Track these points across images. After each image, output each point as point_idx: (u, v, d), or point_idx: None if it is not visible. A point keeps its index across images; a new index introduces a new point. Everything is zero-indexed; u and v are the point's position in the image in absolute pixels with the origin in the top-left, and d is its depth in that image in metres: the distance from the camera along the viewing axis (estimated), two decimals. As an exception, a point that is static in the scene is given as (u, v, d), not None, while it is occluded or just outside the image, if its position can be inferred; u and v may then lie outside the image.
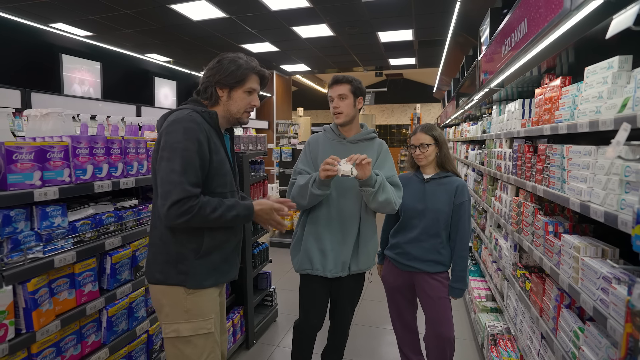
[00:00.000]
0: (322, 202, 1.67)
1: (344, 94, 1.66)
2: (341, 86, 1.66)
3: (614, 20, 0.91)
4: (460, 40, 4.88)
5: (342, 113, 1.66)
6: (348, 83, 1.67)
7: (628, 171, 0.94)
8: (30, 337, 1.16)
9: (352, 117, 1.69)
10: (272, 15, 5.38)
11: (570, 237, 1.27)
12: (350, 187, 1.67)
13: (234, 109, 1.31)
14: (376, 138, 1.79)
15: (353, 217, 1.70)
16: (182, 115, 1.19)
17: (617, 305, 0.92)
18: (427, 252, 1.76)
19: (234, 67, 1.26)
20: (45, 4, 4.91)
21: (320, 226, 1.69)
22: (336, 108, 1.67)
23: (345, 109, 1.66)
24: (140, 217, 1.68)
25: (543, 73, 1.87)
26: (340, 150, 1.68)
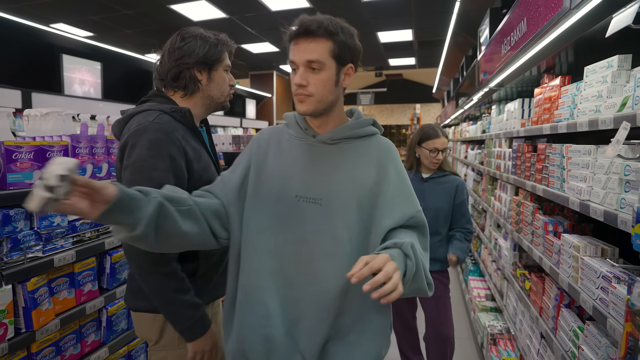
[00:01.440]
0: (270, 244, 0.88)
1: (319, 61, 0.82)
2: (314, 43, 0.82)
3: (614, 18, 0.91)
4: (460, 40, 4.88)
5: (313, 96, 0.83)
6: (327, 37, 0.82)
7: (628, 170, 0.94)
8: (30, 337, 1.16)
9: (329, 102, 0.86)
10: (272, 15, 5.39)
11: (570, 237, 1.27)
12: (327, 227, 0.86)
13: (217, 93, 1.09)
14: (377, 135, 0.95)
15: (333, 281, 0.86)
16: (146, 122, 0.95)
17: (616, 304, 0.92)
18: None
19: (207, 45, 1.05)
20: (45, 5, 4.91)
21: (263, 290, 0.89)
22: (300, 87, 0.83)
23: (318, 89, 0.83)
24: (140, 216, 1.68)
25: (542, 72, 1.87)
26: (307, 158, 0.88)
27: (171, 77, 1.05)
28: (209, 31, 1.10)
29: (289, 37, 0.85)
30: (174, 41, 1.08)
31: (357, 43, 0.88)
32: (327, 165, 0.88)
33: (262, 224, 0.87)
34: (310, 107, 0.85)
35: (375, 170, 0.89)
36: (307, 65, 0.83)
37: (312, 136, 0.90)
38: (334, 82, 0.86)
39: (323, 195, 0.86)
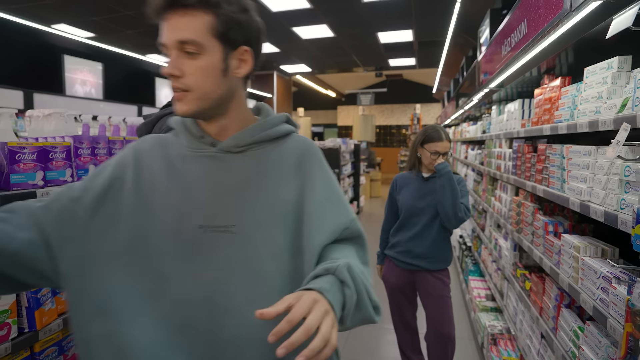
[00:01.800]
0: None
1: (194, 42, 0.62)
2: (186, 17, 0.62)
3: (614, 20, 0.92)
4: (460, 40, 4.89)
5: (191, 92, 0.64)
6: (205, 9, 0.62)
7: (628, 171, 0.95)
8: (33, 336, 1.16)
9: (218, 99, 0.67)
10: (273, 16, 5.39)
11: (570, 237, 1.27)
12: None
13: None
14: (293, 135, 0.77)
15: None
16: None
17: (617, 304, 0.93)
18: (428, 249, 1.78)
19: None
20: (47, 6, 4.92)
21: None
22: (174, 79, 0.64)
23: (198, 81, 0.64)
24: (141, 217, 1.68)
25: (543, 73, 1.88)
26: (208, 175, 0.69)
27: None
28: None
29: (155, 11, 0.62)
30: None
31: (252, 18, 0.67)
32: (236, 181, 0.67)
33: (148, 280, 0.63)
34: (191, 106, 0.64)
35: (297, 177, 0.71)
36: (179, 47, 0.62)
37: (211, 145, 0.69)
38: (221, 71, 0.64)
39: (236, 220, 0.65)
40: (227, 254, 0.65)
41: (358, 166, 6.83)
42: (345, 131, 14.43)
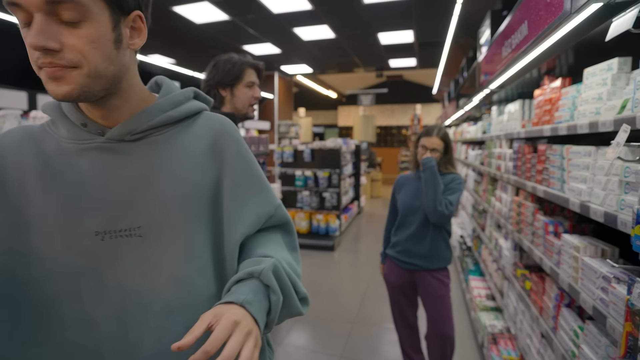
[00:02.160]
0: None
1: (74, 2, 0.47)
2: None
3: (614, 22, 0.93)
4: (461, 41, 4.90)
5: (79, 68, 0.49)
6: None
7: (627, 172, 0.96)
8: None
9: (112, 77, 0.54)
10: (274, 17, 5.40)
11: (570, 237, 1.28)
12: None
13: (239, 105, 1.38)
14: (204, 113, 0.67)
15: None
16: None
17: (616, 304, 0.94)
18: (425, 247, 1.79)
19: (229, 65, 1.34)
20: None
21: None
22: (48, 53, 0.47)
23: (89, 55, 0.49)
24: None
25: (543, 74, 1.89)
26: (100, 171, 0.57)
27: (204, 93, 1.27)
28: (240, 54, 1.35)
29: None
30: (208, 66, 1.37)
31: None
32: (136, 174, 0.57)
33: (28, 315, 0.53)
34: (76, 86, 0.50)
35: (210, 163, 0.61)
36: (49, 11, 0.46)
37: (99, 134, 0.57)
38: (112, 42, 0.52)
39: (141, 220, 0.56)
40: (136, 261, 0.55)
41: (359, 166, 6.84)
42: (346, 131, 14.44)
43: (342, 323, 2.83)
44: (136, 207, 0.56)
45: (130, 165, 0.57)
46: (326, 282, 3.70)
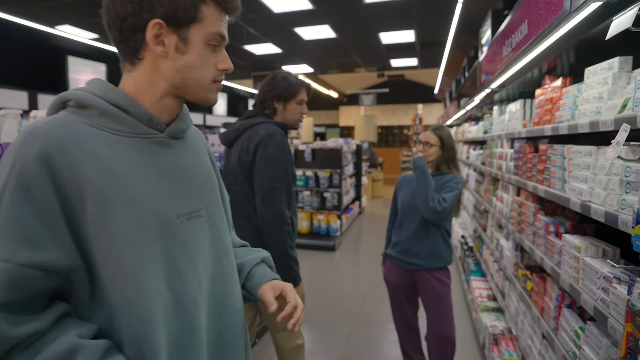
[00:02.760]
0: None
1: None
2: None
3: (614, 21, 0.92)
4: (462, 41, 4.89)
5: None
6: None
7: (628, 171, 0.95)
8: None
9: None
10: (275, 17, 5.41)
11: (571, 237, 1.27)
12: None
13: (289, 118, 1.58)
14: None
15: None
16: (272, 130, 1.45)
17: (617, 304, 0.93)
18: (425, 247, 1.79)
19: (286, 84, 1.53)
20: (52, 8, 4.96)
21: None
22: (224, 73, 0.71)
23: None
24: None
25: (544, 74, 1.88)
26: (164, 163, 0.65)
27: (259, 102, 1.56)
28: (293, 75, 1.57)
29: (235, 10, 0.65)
30: (267, 78, 1.57)
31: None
32: (188, 166, 0.68)
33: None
34: None
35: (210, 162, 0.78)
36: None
37: (159, 130, 0.64)
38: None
39: (199, 203, 0.68)
40: (203, 237, 0.67)
41: (360, 166, 6.83)
42: (347, 131, 14.43)
43: (342, 323, 2.83)
44: (194, 192, 0.68)
45: (182, 158, 0.67)
46: (327, 282, 3.70)
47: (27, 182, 0.50)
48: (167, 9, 0.56)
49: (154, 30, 0.57)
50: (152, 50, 0.59)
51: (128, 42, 0.59)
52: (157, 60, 0.61)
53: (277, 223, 1.40)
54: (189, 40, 0.60)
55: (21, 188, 0.50)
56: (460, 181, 1.80)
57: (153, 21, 0.57)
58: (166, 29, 0.58)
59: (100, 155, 0.56)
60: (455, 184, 1.77)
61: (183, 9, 0.57)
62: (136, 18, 0.57)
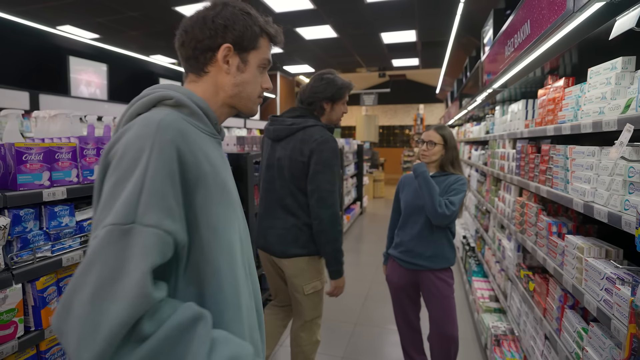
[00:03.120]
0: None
1: None
2: None
3: (617, 21, 0.92)
4: (464, 41, 4.88)
5: None
6: None
7: (632, 172, 0.95)
8: (39, 335, 1.18)
9: None
10: (276, 17, 5.41)
11: (574, 238, 1.27)
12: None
13: (334, 118, 1.72)
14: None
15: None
16: (327, 135, 1.58)
17: (620, 305, 0.93)
18: (429, 247, 1.78)
19: (335, 86, 1.64)
20: (53, 8, 4.97)
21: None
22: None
23: None
24: (146, 217, 1.70)
25: (546, 74, 1.87)
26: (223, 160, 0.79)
27: (307, 103, 1.68)
28: (338, 76, 1.69)
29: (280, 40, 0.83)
30: (315, 79, 1.69)
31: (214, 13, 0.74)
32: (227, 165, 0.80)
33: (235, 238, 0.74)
34: None
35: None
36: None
37: (219, 133, 0.79)
38: None
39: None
40: (246, 226, 0.81)
41: (361, 166, 6.83)
42: (348, 131, 14.42)
43: (344, 324, 2.83)
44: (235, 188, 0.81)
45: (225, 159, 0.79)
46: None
47: (166, 163, 0.59)
48: (236, 38, 0.74)
49: (224, 52, 0.73)
50: (218, 67, 0.74)
51: (199, 58, 0.74)
52: (220, 75, 0.75)
53: (332, 222, 1.54)
54: (247, 62, 0.76)
55: (162, 167, 0.59)
56: (465, 182, 1.79)
57: (225, 45, 0.73)
58: (232, 52, 0.74)
59: (203, 146, 0.68)
60: (460, 185, 1.76)
61: (248, 38, 0.75)
62: (211, 41, 0.73)
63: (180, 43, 0.75)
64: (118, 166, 0.58)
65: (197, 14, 0.74)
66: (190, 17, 0.75)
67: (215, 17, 0.72)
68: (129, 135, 0.60)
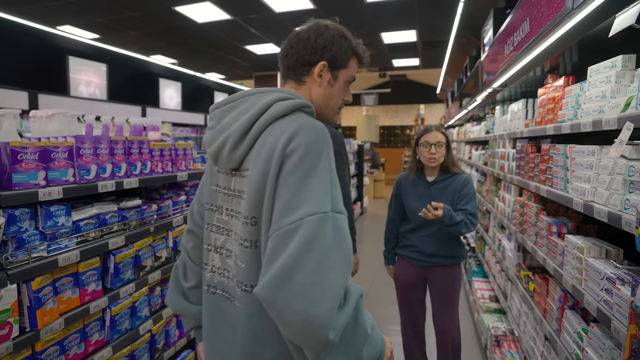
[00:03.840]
0: None
1: None
2: None
3: (617, 18, 0.91)
4: (464, 40, 4.86)
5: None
6: None
7: (632, 171, 0.93)
8: (34, 336, 1.17)
9: None
10: (276, 17, 5.40)
11: (574, 238, 1.26)
12: None
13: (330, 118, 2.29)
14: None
15: None
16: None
17: (621, 306, 0.92)
18: (442, 248, 1.79)
19: None
20: (53, 8, 4.97)
21: None
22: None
23: None
24: (143, 217, 1.69)
25: (546, 73, 1.86)
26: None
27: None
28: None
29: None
30: None
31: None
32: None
33: None
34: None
35: None
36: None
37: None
38: None
39: None
40: None
41: (362, 167, 6.82)
42: (349, 132, 14.41)
43: (343, 324, 2.81)
44: None
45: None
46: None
47: (332, 162, 0.74)
48: (332, 57, 0.86)
49: (320, 68, 0.85)
50: (313, 79, 0.87)
51: (298, 70, 0.87)
52: (313, 86, 0.88)
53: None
54: (337, 78, 0.88)
55: (332, 165, 0.74)
56: (471, 180, 1.80)
57: (322, 62, 0.85)
58: (326, 68, 0.86)
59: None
60: (470, 188, 1.76)
61: (341, 59, 0.87)
62: (311, 57, 0.85)
63: (284, 54, 0.88)
64: (301, 164, 0.69)
65: (303, 32, 0.87)
66: (297, 33, 0.87)
67: (317, 37, 0.85)
68: (306, 139, 0.71)
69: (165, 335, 1.80)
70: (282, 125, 0.73)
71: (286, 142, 0.70)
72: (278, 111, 0.75)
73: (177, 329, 1.87)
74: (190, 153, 2.04)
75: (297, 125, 0.72)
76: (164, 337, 1.80)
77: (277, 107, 0.76)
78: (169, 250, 1.83)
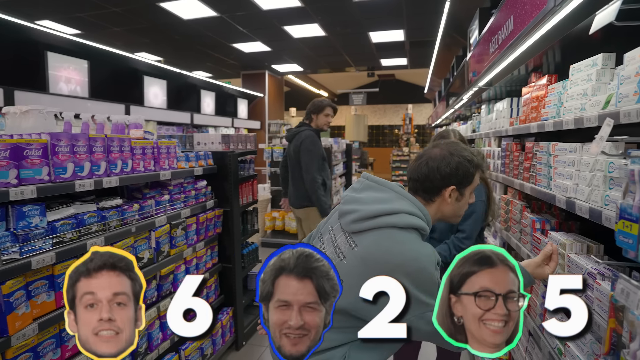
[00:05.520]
0: None
1: None
2: None
3: (597, 16, 0.92)
4: (450, 40, 4.92)
5: None
6: None
7: (612, 167, 0.95)
8: (5, 342, 1.12)
9: None
10: (263, 14, 5.35)
11: (557, 234, 1.27)
12: None
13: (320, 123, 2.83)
14: None
15: None
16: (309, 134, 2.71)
17: (601, 300, 0.93)
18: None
19: (319, 103, 2.76)
20: (31, 2, 4.80)
21: None
22: None
23: None
24: (124, 217, 1.64)
25: (530, 72, 1.89)
26: None
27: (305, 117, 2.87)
28: (325, 99, 2.91)
29: None
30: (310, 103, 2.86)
31: None
32: None
33: None
34: None
35: None
36: None
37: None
38: None
39: None
40: None
41: (350, 166, 6.82)
42: (337, 131, 14.42)
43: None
44: None
45: None
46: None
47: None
48: (459, 182, 0.98)
49: (450, 191, 0.98)
50: (443, 198, 0.99)
51: (428, 192, 0.99)
52: (443, 204, 1.00)
53: (311, 182, 2.59)
54: (464, 194, 1.00)
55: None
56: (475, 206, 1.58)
57: (451, 187, 0.98)
58: (455, 190, 0.98)
59: None
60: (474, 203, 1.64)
61: (467, 182, 0.99)
62: (441, 183, 0.98)
63: (416, 177, 1.00)
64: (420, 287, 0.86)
65: (433, 163, 0.98)
66: (426, 162, 0.99)
67: (445, 167, 0.97)
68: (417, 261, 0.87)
69: (148, 338, 1.75)
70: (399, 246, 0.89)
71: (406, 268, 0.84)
72: (400, 222, 0.90)
73: (161, 332, 1.83)
74: (174, 151, 1.99)
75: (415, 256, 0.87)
76: (147, 340, 1.75)
77: (402, 218, 0.91)
78: (151, 251, 1.78)
